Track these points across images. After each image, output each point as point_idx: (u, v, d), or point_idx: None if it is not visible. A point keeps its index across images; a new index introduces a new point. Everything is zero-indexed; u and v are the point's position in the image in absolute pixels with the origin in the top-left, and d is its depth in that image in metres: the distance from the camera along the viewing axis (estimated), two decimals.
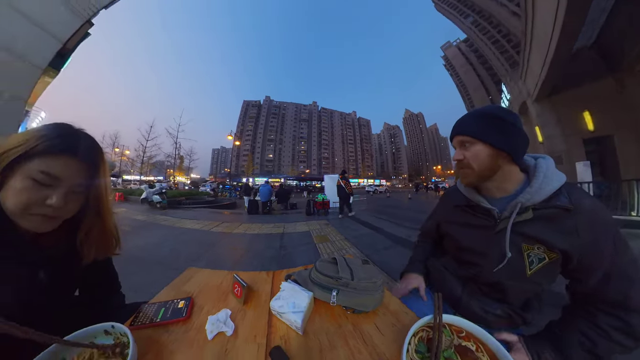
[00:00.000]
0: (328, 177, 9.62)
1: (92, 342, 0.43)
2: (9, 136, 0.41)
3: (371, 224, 4.77)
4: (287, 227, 4.75)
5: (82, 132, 0.47)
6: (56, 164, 0.41)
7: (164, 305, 0.60)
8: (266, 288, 0.73)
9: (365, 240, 3.58)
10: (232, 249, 3.36)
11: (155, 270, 2.43)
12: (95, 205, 0.52)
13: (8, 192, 0.40)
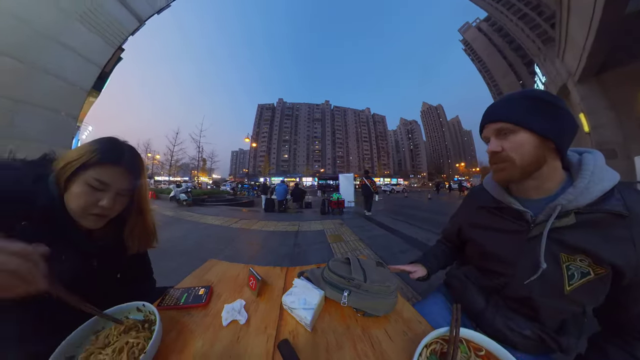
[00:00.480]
0: (343, 176, 9.62)
1: (126, 317, 0.51)
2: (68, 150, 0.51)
3: (387, 225, 4.69)
4: (302, 225, 4.88)
5: (126, 144, 0.55)
6: (106, 172, 0.49)
7: (187, 291, 0.67)
8: (279, 283, 0.76)
9: (380, 242, 3.52)
10: (249, 244, 3.60)
11: (181, 259, 2.69)
12: (138, 206, 0.60)
13: (70, 196, 0.48)
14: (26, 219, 0.46)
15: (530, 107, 0.48)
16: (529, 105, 0.49)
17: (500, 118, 0.51)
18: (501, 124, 0.50)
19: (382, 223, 4.96)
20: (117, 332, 0.47)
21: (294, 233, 4.21)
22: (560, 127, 0.47)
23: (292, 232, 4.27)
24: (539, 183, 0.51)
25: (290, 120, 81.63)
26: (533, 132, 0.47)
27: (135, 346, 0.44)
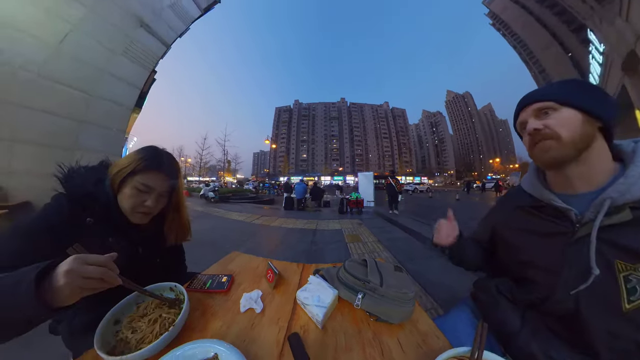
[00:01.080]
0: (362, 174, 9.59)
1: (161, 294, 0.59)
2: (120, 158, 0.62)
3: (409, 227, 4.45)
4: (320, 224, 5.08)
5: (164, 151, 0.66)
6: (150, 177, 0.59)
7: (212, 278, 0.76)
8: (295, 278, 0.80)
9: (401, 245, 3.40)
10: (269, 239, 3.94)
11: (208, 249, 3.12)
12: (175, 204, 0.70)
13: (122, 197, 0.58)
14: (91, 216, 0.56)
15: (573, 87, 0.46)
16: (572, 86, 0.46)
17: (543, 96, 0.47)
18: (541, 103, 0.46)
19: (403, 225, 4.74)
20: (153, 305, 0.56)
21: (312, 231, 4.40)
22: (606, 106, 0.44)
23: (310, 230, 4.47)
24: (586, 170, 0.45)
25: (307, 120, 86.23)
26: (578, 109, 0.43)
27: (166, 319, 0.52)
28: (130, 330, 0.50)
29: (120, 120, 4.39)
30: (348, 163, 78.41)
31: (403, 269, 0.70)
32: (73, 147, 3.66)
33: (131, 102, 4.61)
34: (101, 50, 4.01)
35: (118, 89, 4.33)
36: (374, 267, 0.66)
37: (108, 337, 0.49)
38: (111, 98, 4.20)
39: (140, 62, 4.66)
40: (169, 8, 5.01)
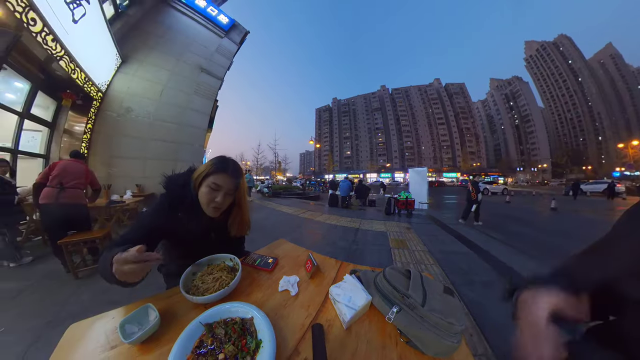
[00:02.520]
0: (413, 171, 8.65)
1: (223, 262, 0.85)
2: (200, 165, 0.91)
3: (472, 240, 3.66)
4: (363, 223, 5.13)
5: (230, 158, 0.90)
6: (218, 178, 0.81)
7: (261, 257, 0.98)
8: (331, 273, 0.89)
9: (456, 262, 2.92)
10: (312, 233, 4.32)
11: (261, 233, 4.07)
12: (238, 201, 0.92)
13: (200, 195, 0.82)
14: (181, 210, 0.82)
15: None
16: None
17: None
18: None
19: (464, 237, 3.92)
20: (218, 268, 0.80)
21: (354, 230, 4.49)
22: None
23: (352, 229, 4.57)
24: None
25: (347, 116, 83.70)
26: None
27: (224, 280, 0.75)
28: (200, 281, 0.75)
29: (199, 139, 6.60)
30: (397, 158, 71.24)
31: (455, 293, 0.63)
32: (176, 159, 5.90)
33: (205, 125, 6.78)
34: (182, 95, 6.20)
35: (196, 118, 6.51)
36: (418, 281, 0.62)
37: (187, 282, 0.75)
38: (193, 124, 6.41)
39: (206, 96, 6.76)
40: (216, 52, 7.11)
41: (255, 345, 0.53)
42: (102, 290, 1.95)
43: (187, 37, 6.47)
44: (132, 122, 5.34)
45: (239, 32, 7.75)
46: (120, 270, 0.55)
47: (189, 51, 6.39)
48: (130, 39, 5.36)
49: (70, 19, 3.05)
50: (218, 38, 7.15)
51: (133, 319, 0.60)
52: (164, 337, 0.57)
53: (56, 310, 1.72)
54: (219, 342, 0.53)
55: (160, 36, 5.94)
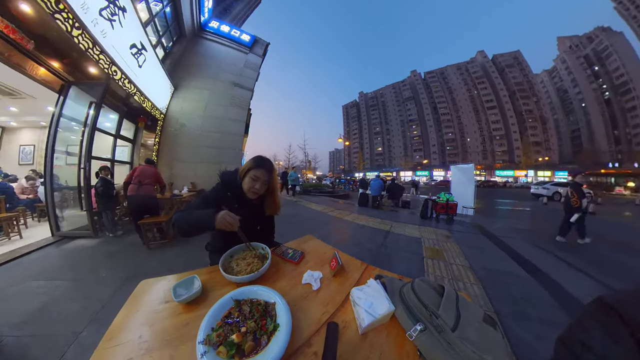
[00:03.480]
0: (456, 168, 7.18)
1: (256, 250, 0.98)
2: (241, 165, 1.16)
3: (530, 261, 2.98)
4: (395, 226, 4.67)
5: (266, 157, 1.14)
6: (257, 172, 1.06)
7: (289, 249, 1.10)
8: (355, 275, 0.90)
9: (506, 286, 2.29)
10: (339, 231, 4.22)
11: (290, 228, 4.20)
12: (271, 189, 1.15)
13: (244, 183, 1.08)
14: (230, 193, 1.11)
15: None
16: None
17: None
18: None
19: (520, 255, 3.20)
20: (251, 255, 0.93)
21: (384, 233, 4.16)
22: None
23: (382, 231, 4.24)
24: None
25: (376, 110, 74.33)
26: None
27: (255, 265, 0.87)
28: (235, 264, 0.89)
29: (238, 144, 7.59)
30: (435, 153, 58.44)
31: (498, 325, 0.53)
32: (220, 162, 6.95)
33: (242, 131, 7.77)
34: (221, 108, 7.26)
35: (234, 126, 7.53)
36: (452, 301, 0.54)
37: (225, 263, 0.90)
38: (231, 132, 7.44)
39: (240, 106, 7.74)
40: (244, 67, 8.02)
41: (273, 327, 0.57)
42: (164, 260, 2.67)
43: (219, 60, 7.55)
44: (185, 134, 6.58)
45: (260, 46, 8.58)
46: (224, 219, 0.87)
47: (222, 71, 7.45)
48: (177, 71, 6.63)
49: (136, 65, 4.10)
50: (244, 55, 8.09)
51: (182, 284, 0.77)
52: (202, 302, 0.72)
53: (133, 269, 2.43)
54: (243, 317, 0.60)
55: (198, 64, 7.13)
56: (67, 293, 1.92)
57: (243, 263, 0.89)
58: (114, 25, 3.17)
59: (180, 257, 2.78)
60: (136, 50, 3.95)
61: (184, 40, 6.86)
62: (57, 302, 1.78)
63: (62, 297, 1.85)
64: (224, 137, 7.15)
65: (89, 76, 3.59)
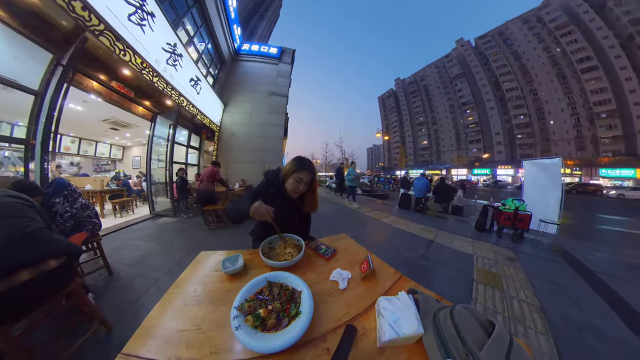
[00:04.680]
0: (531, 164, 5.14)
1: (293, 241, 1.05)
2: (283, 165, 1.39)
3: None
4: (441, 236, 3.90)
5: (307, 159, 1.17)
6: (301, 174, 1.10)
7: (322, 245, 1.12)
8: (386, 283, 0.82)
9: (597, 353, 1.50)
10: (375, 233, 3.94)
11: (325, 225, 4.17)
12: (312, 188, 1.19)
13: (287, 184, 1.13)
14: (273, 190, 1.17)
15: None
16: None
17: None
18: None
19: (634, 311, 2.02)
20: (287, 244, 1.02)
21: (427, 242, 3.58)
22: None
23: (424, 240, 3.67)
24: None
25: (418, 96, 59.43)
26: None
27: (290, 255, 0.94)
28: (273, 251, 1.00)
29: (279, 145, 8.46)
30: (500, 144, 41.15)
31: None
32: (264, 162, 7.91)
33: (281, 134, 8.60)
34: (263, 116, 8.24)
35: (274, 130, 8.40)
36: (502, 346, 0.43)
37: (264, 248, 1.01)
38: (273, 135, 8.34)
39: (278, 112, 8.56)
40: (277, 76, 8.82)
41: (295, 313, 0.61)
42: (219, 239, 3.40)
43: (256, 75, 8.59)
44: (236, 140, 7.85)
45: (287, 54, 9.23)
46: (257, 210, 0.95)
47: (259, 84, 8.45)
48: (224, 91, 7.95)
49: (195, 93, 5.30)
50: (275, 66, 8.90)
51: (229, 259, 0.89)
52: (242, 277, 0.84)
53: (197, 242, 3.23)
54: (272, 297, 0.65)
55: (239, 83, 8.33)
56: (155, 251, 2.87)
57: (280, 251, 0.99)
58: (177, 68, 4.26)
59: (231, 238, 3.46)
60: (194, 82, 5.10)
61: (225, 66, 8.15)
62: (150, 256, 2.69)
63: (152, 253, 2.80)
64: (267, 141, 8.09)
65: (166, 107, 4.92)
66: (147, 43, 3.29)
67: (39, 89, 2.44)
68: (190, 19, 5.61)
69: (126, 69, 3.48)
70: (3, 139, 2.63)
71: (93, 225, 1.97)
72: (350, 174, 7.03)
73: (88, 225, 1.92)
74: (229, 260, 0.91)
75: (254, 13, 21.57)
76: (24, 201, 1.21)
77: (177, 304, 0.71)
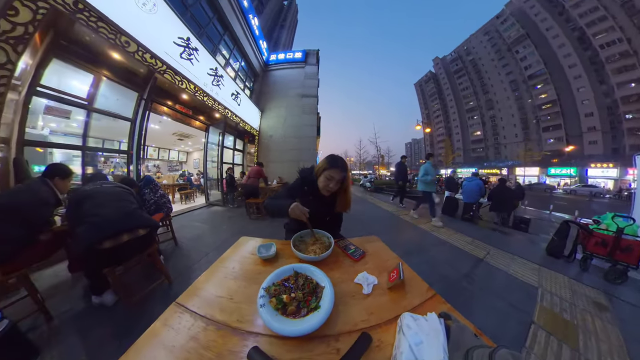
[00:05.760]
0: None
1: (323, 237, 1.06)
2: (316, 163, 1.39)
3: None
4: (495, 255, 2.93)
5: (339, 157, 1.15)
6: (332, 172, 1.09)
7: (351, 245, 1.08)
8: (414, 299, 0.71)
9: None
10: (409, 240, 3.41)
11: (356, 223, 4.01)
12: (344, 187, 1.18)
13: (319, 182, 1.14)
14: (307, 187, 1.19)
15: None
16: None
17: None
18: None
19: None
20: (317, 240, 1.04)
21: (474, 260, 2.77)
22: None
23: (471, 256, 2.86)
24: None
25: (464, 75, 44.78)
26: None
27: (319, 250, 0.96)
28: (303, 245, 1.02)
29: (312, 145, 8.88)
30: (596, 130, 26.08)
31: None
32: (299, 161, 8.45)
33: (314, 134, 9.01)
34: (296, 117, 8.71)
35: (307, 130, 8.84)
36: None
37: (296, 240, 1.04)
38: (306, 135, 8.79)
39: (310, 113, 8.94)
40: (305, 79, 9.17)
41: (315, 306, 0.62)
42: (257, 228, 3.85)
43: (286, 81, 9.16)
44: (273, 142, 8.66)
45: (312, 55, 9.43)
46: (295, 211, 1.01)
47: (289, 88, 9.01)
48: (260, 100, 8.83)
49: (237, 105, 6.24)
50: (302, 69, 9.27)
51: (264, 246, 0.99)
52: (273, 263, 0.92)
53: (239, 228, 3.72)
54: (296, 286, 0.69)
55: (272, 91, 9.07)
56: (208, 231, 3.61)
57: (309, 245, 1.01)
58: (220, 87, 5.11)
59: (267, 228, 3.83)
60: (234, 96, 5.97)
61: (258, 78, 9.02)
62: (203, 235, 3.40)
63: (205, 233, 3.54)
64: (301, 141, 8.58)
65: (216, 119, 5.94)
66: (196, 72, 4.17)
67: (132, 117, 3.49)
68: (224, 45, 6.49)
69: (184, 94, 4.44)
70: (115, 151, 3.79)
71: (167, 209, 2.70)
72: (429, 173, 4.46)
73: (164, 208, 2.64)
74: (263, 247, 0.99)
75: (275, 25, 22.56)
76: (128, 190, 1.73)
77: (219, 275, 0.84)
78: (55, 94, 2.55)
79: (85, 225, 1.39)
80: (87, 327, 1.43)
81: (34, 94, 2.31)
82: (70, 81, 2.78)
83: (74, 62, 2.70)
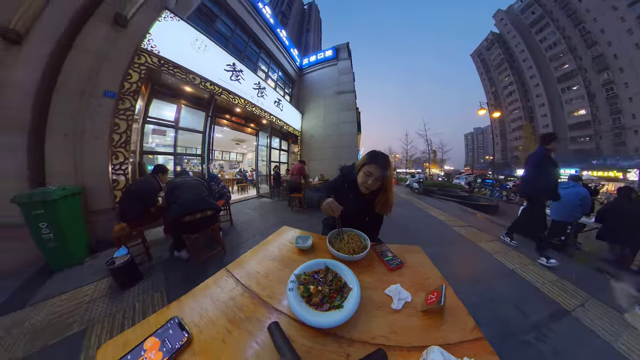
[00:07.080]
0: None
1: (359, 238, 1.00)
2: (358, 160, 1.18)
3: None
4: (593, 310, 1.74)
5: (381, 153, 1.07)
6: (371, 167, 1.02)
7: (388, 251, 0.98)
8: (453, 334, 0.56)
9: None
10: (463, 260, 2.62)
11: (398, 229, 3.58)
12: (385, 187, 1.07)
13: (358, 177, 1.07)
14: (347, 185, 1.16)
15: None
16: None
17: None
18: None
19: None
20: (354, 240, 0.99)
21: (558, 308, 1.77)
22: None
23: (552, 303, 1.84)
24: None
25: (548, 24, 28.80)
26: None
27: (353, 250, 0.92)
28: (339, 241, 0.98)
29: (353, 142, 8.69)
30: None
31: None
32: (339, 158, 8.42)
33: (355, 130, 8.75)
34: (334, 115, 8.71)
35: (347, 127, 8.66)
36: None
37: (332, 237, 1.02)
38: (346, 132, 8.64)
39: (349, 109, 8.71)
40: (340, 75, 8.96)
41: (338, 305, 0.62)
42: (298, 220, 4.07)
43: (321, 81, 9.28)
44: (314, 141, 9.05)
45: (342, 50, 9.08)
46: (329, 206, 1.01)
47: (326, 88, 9.08)
48: (299, 103, 9.36)
49: (279, 111, 6.99)
50: (335, 66, 9.07)
51: (302, 238, 1.04)
52: (308, 254, 0.97)
53: (282, 219, 4.04)
54: (324, 281, 0.70)
55: (309, 93, 9.41)
56: (257, 218, 4.14)
57: (345, 243, 0.97)
58: (264, 97, 5.90)
59: (307, 221, 4.00)
60: (277, 103, 6.71)
61: (295, 84, 9.53)
62: (253, 220, 3.93)
63: (255, 219, 4.07)
64: (341, 138, 8.47)
65: (263, 125, 6.80)
66: (244, 89, 5.11)
67: (203, 130, 4.57)
68: (262, 61, 7.17)
69: (237, 108, 5.40)
70: (193, 155, 4.95)
71: (228, 197, 3.39)
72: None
73: (225, 197, 3.33)
74: (301, 238, 1.04)
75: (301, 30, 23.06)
76: (201, 182, 2.26)
77: (261, 255, 0.95)
78: (156, 120, 3.81)
79: (175, 205, 1.98)
80: (169, 270, 2.11)
81: (146, 123, 3.55)
82: (164, 112, 4.05)
83: (164, 99, 3.93)
